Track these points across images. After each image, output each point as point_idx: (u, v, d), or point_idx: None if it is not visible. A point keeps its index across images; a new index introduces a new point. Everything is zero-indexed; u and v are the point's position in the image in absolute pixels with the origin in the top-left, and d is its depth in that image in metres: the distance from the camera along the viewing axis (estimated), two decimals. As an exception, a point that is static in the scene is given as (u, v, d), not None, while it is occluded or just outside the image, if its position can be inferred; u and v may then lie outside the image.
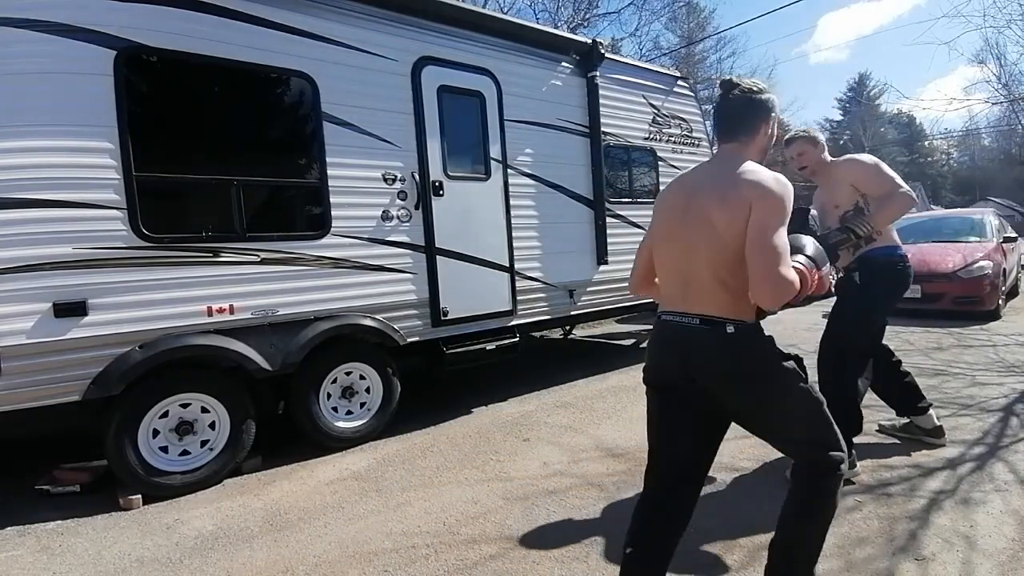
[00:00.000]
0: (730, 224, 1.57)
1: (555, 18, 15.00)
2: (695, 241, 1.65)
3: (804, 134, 3.00)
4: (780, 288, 1.49)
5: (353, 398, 3.70)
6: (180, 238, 2.99)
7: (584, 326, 7.52)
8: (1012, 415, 3.58)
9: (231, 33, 3.12)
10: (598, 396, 4.51)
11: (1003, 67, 13.05)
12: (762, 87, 1.76)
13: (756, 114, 1.73)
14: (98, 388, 2.74)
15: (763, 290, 1.51)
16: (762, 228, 1.52)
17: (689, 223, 1.67)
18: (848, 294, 2.84)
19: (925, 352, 5.48)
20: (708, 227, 1.61)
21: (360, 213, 3.59)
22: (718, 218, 1.59)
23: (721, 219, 1.59)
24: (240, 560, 2.35)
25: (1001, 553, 2.11)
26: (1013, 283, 8.45)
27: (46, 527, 2.71)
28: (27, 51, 2.61)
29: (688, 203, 1.69)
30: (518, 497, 2.81)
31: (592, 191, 4.93)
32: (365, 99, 3.61)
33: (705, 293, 1.64)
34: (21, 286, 2.57)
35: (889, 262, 2.81)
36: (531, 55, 4.53)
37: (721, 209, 1.59)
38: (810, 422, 1.66)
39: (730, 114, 1.75)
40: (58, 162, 2.66)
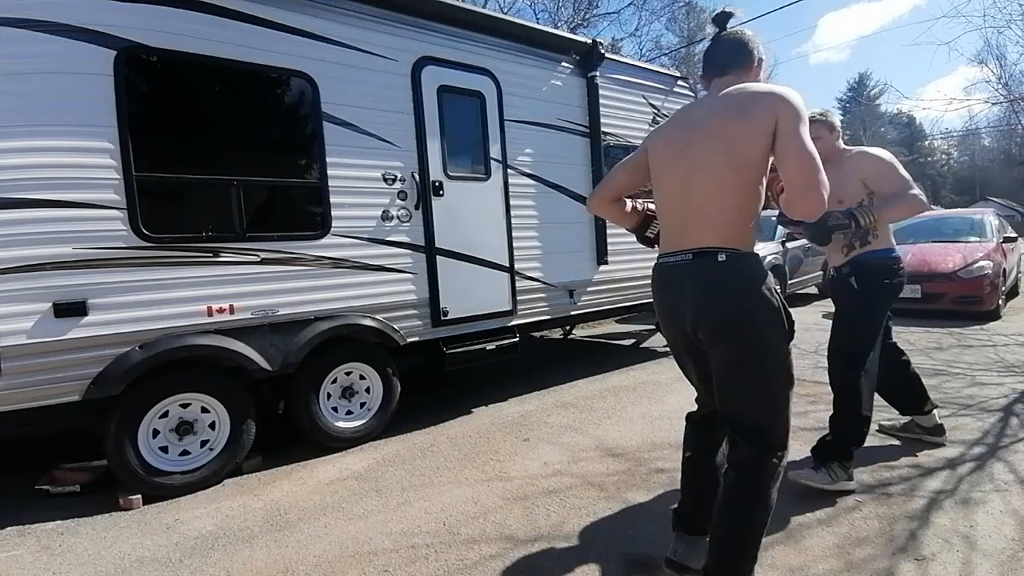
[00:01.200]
0: (754, 137, 1.54)
1: (555, 18, 15.00)
2: (700, 167, 1.63)
3: (822, 117, 2.80)
4: (821, 196, 1.46)
5: (353, 398, 3.70)
6: (180, 238, 2.99)
7: (584, 326, 7.53)
8: (1012, 415, 3.57)
9: (231, 33, 3.12)
10: (598, 396, 4.51)
11: (1003, 67, 13.02)
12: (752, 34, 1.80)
13: (750, 52, 1.76)
14: (98, 388, 2.74)
15: (806, 197, 1.47)
16: (798, 135, 1.48)
17: (693, 152, 1.66)
18: (849, 302, 2.76)
19: (925, 352, 5.47)
20: (721, 148, 1.58)
21: (360, 213, 3.59)
22: (739, 133, 1.56)
23: (744, 134, 1.55)
24: (240, 560, 2.35)
25: (1001, 553, 2.11)
26: (1013, 283, 8.45)
27: (46, 527, 2.71)
28: (27, 51, 2.61)
29: (690, 134, 1.68)
30: (518, 497, 2.81)
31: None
32: (365, 99, 3.61)
33: (704, 223, 1.62)
34: (21, 286, 2.57)
35: (884, 264, 2.73)
36: (531, 55, 4.53)
37: (743, 123, 1.56)
38: (769, 401, 1.63)
39: (723, 51, 1.77)
40: (58, 162, 2.65)
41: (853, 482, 2.68)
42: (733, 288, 1.59)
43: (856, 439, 2.70)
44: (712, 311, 1.61)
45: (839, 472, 2.64)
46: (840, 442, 2.69)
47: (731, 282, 1.59)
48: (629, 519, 2.53)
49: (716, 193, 1.59)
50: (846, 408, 2.69)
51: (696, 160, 1.64)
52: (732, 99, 1.63)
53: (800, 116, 1.52)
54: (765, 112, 1.54)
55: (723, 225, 1.59)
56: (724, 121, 1.60)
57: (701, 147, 1.63)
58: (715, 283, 1.60)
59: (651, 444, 3.40)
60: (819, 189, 1.46)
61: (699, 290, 1.62)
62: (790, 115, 1.52)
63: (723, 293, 1.59)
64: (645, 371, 5.29)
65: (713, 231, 1.60)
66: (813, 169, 1.46)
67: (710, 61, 1.79)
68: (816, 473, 2.64)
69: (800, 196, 1.48)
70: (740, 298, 1.59)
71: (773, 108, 1.53)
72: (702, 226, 1.62)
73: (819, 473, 2.64)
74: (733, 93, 1.64)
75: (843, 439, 2.68)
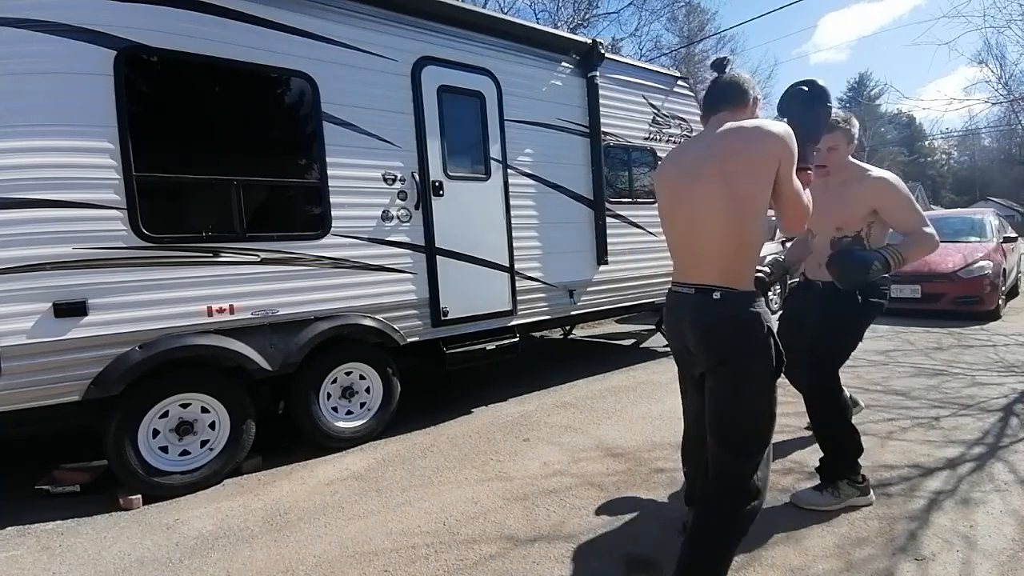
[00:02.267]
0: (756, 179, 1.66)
1: (555, 18, 15.01)
2: (702, 212, 1.73)
3: (844, 125, 2.54)
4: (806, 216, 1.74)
5: (353, 398, 3.70)
6: (180, 238, 2.99)
7: (584, 326, 7.52)
8: (1012, 415, 3.58)
9: (231, 33, 3.12)
10: (598, 396, 4.51)
11: (1003, 67, 13.04)
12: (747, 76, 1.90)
13: (745, 92, 1.86)
14: (98, 388, 2.74)
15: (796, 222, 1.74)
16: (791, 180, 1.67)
17: (694, 196, 1.75)
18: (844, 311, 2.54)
19: (925, 352, 5.48)
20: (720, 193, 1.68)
21: (360, 213, 3.59)
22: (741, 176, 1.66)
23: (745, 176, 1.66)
24: (240, 560, 2.35)
25: (1001, 553, 2.12)
26: (1013, 283, 8.45)
27: (46, 527, 2.71)
28: (27, 51, 2.61)
29: (692, 178, 1.77)
30: (518, 497, 2.81)
31: (592, 191, 4.92)
32: (365, 99, 3.61)
33: (705, 261, 1.75)
34: (21, 286, 2.57)
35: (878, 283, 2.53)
36: (531, 55, 4.53)
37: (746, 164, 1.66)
38: (748, 429, 1.71)
39: (720, 91, 1.87)
40: (58, 162, 2.65)
41: (870, 495, 2.52)
42: (725, 323, 1.71)
43: (854, 448, 2.52)
44: (707, 340, 1.74)
45: (847, 490, 2.48)
46: (839, 455, 2.52)
47: (724, 318, 1.71)
48: (629, 519, 2.53)
49: (716, 235, 1.71)
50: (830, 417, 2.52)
51: (697, 204, 1.75)
52: (731, 140, 1.71)
53: (792, 156, 1.67)
54: (768, 156, 1.65)
55: (723, 264, 1.72)
56: (723, 163, 1.69)
57: (702, 192, 1.73)
58: (709, 317, 1.73)
59: (651, 444, 3.40)
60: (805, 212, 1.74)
61: (696, 322, 1.76)
62: (789, 160, 1.66)
63: (716, 327, 1.72)
64: (645, 371, 5.29)
65: (713, 269, 1.73)
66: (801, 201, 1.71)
67: (709, 100, 1.90)
68: (819, 495, 2.51)
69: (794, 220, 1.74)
70: (731, 332, 1.70)
71: (776, 153, 1.65)
72: (704, 264, 1.75)
73: (823, 495, 2.50)
74: (731, 131, 1.72)
75: (840, 452, 2.51)
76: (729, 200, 1.66)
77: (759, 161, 1.65)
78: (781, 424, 3.52)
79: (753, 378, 1.69)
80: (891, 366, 4.99)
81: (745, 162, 1.65)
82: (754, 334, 1.68)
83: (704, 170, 1.72)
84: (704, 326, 1.73)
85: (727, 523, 1.68)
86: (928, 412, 3.72)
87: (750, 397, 1.70)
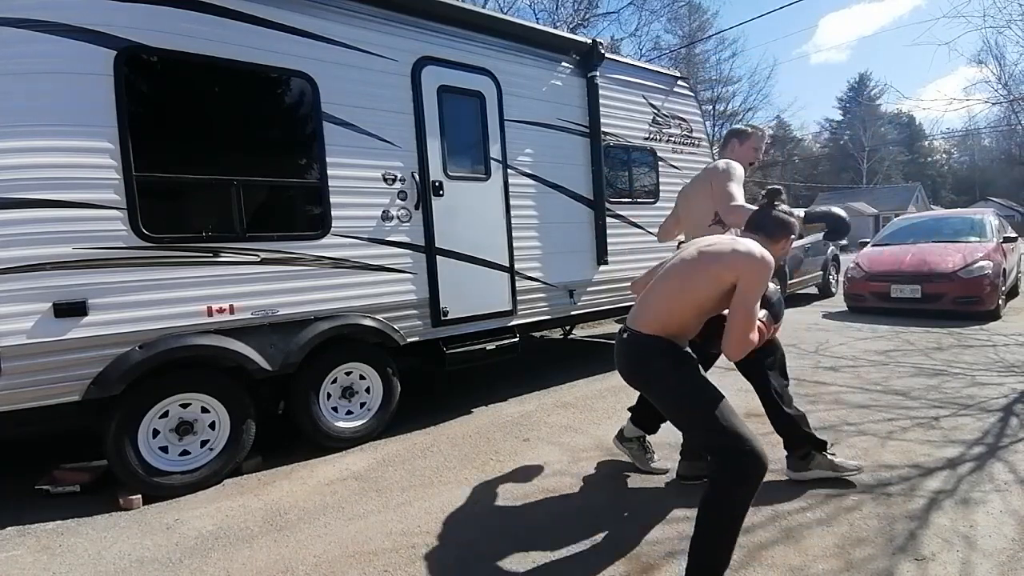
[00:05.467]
0: (707, 284, 1.96)
1: (555, 18, 15.01)
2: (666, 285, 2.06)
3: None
4: (746, 348, 1.96)
5: (353, 398, 3.70)
6: (180, 238, 2.99)
7: (584, 326, 7.52)
8: (1012, 415, 3.58)
9: (231, 33, 3.12)
10: (598, 396, 4.51)
11: (1003, 67, 12.99)
12: (792, 214, 2.26)
13: (785, 231, 2.21)
14: (98, 388, 2.74)
15: (734, 348, 1.95)
16: (747, 298, 1.91)
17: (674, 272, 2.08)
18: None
19: (925, 352, 5.48)
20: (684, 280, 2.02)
21: (360, 213, 3.59)
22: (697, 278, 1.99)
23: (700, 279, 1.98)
24: (240, 560, 2.35)
25: (1001, 553, 2.12)
26: (1013, 283, 8.44)
27: (46, 527, 2.71)
28: (27, 51, 2.61)
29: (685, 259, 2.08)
30: (518, 497, 2.81)
31: (592, 191, 4.92)
32: (365, 99, 3.61)
33: (641, 314, 2.08)
34: (21, 286, 2.57)
35: None
36: (531, 55, 4.53)
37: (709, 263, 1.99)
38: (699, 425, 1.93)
39: (765, 220, 2.21)
40: (58, 162, 2.65)
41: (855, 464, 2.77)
42: (626, 357, 2.09)
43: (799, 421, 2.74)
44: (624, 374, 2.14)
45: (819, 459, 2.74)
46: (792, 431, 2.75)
47: (625, 354, 2.09)
48: (629, 519, 2.53)
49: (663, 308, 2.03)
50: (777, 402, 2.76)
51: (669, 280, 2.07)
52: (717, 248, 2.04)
53: (757, 286, 1.92)
54: (728, 266, 1.94)
55: (649, 321, 2.04)
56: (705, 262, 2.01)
57: (679, 274, 2.06)
58: (619, 353, 2.13)
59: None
60: (747, 344, 1.94)
61: (616, 356, 2.17)
62: (751, 283, 1.92)
63: (621, 361, 2.12)
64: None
65: (640, 321, 2.06)
66: (748, 330, 1.92)
67: (753, 223, 2.24)
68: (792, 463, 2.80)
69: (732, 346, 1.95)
70: (631, 365, 2.08)
71: (738, 269, 1.93)
72: (640, 315, 2.08)
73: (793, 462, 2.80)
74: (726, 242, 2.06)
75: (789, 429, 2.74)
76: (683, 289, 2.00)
77: (721, 266, 1.95)
78: (781, 424, 3.53)
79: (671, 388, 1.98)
80: (891, 366, 4.99)
81: (712, 259, 1.99)
82: (658, 367, 1.98)
83: (689, 263, 2.05)
84: (617, 356, 2.15)
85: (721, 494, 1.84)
86: (928, 412, 3.72)
87: (681, 401, 1.97)
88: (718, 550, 1.84)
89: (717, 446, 1.85)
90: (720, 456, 1.84)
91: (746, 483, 1.80)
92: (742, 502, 1.81)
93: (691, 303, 1.99)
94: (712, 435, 1.86)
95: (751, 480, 1.80)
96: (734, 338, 1.92)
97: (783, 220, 2.20)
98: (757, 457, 1.80)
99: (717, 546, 1.84)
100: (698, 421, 1.92)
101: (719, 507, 1.83)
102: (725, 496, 1.82)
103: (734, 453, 1.81)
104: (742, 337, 1.92)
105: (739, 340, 1.92)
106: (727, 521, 1.82)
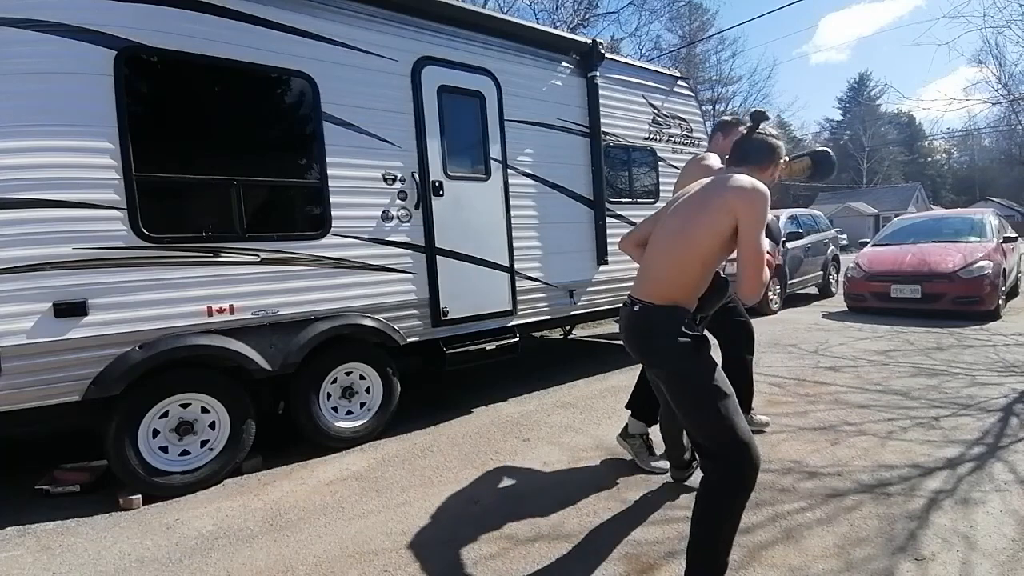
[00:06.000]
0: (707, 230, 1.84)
1: (555, 18, 15.01)
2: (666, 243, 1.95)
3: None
4: (762, 286, 1.82)
5: (353, 398, 3.70)
6: (180, 238, 2.99)
7: (584, 326, 7.52)
8: (1012, 415, 3.58)
9: (231, 33, 3.12)
10: (598, 396, 4.51)
11: (1003, 67, 13.01)
12: (779, 137, 2.11)
13: (771, 156, 2.05)
14: (98, 388, 2.74)
15: (751, 288, 1.81)
16: (749, 239, 1.79)
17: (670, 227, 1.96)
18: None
19: (925, 352, 5.48)
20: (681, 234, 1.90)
21: (360, 213, 3.59)
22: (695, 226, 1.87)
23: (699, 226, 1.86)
24: (240, 560, 2.35)
25: (1001, 553, 2.12)
26: (1013, 283, 8.44)
27: (46, 527, 2.71)
28: (27, 51, 2.60)
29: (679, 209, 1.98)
30: (518, 497, 2.81)
31: (592, 191, 4.92)
32: (365, 99, 3.61)
33: (647, 282, 1.97)
34: (21, 286, 2.57)
35: None
36: (531, 55, 4.53)
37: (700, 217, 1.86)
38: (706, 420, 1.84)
39: (748, 146, 2.06)
40: (58, 162, 2.65)
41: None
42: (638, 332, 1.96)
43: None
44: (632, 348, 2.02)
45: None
46: None
47: (637, 328, 1.96)
48: (629, 519, 2.53)
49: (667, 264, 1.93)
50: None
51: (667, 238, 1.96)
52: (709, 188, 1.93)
53: (758, 220, 1.79)
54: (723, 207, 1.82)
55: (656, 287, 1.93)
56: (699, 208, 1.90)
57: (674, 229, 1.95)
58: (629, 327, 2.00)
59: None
60: (763, 281, 1.81)
61: (624, 331, 2.05)
62: (750, 218, 1.79)
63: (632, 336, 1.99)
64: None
65: (651, 292, 1.94)
66: (761, 266, 1.79)
67: (736, 152, 2.08)
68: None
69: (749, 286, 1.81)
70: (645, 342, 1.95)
71: (731, 205, 1.81)
72: (645, 285, 1.97)
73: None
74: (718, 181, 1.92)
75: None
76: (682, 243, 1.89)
77: (717, 210, 1.82)
78: (781, 424, 3.55)
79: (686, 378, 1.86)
80: (891, 366, 4.99)
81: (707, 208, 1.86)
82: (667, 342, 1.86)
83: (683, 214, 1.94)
84: (633, 339, 2.00)
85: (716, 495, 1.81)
86: (928, 412, 3.72)
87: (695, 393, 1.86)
88: (717, 553, 1.81)
89: (721, 445, 1.80)
90: (721, 457, 1.80)
91: (743, 486, 1.79)
92: (740, 504, 1.80)
93: (697, 256, 1.86)
94: (720, 433, 1.80)
95: (748, 483, 1.79)
96: (748, 278, 1.79)
97: (767, 143, 2.04)
98: (755, 463, 1.78)
99: (715, 549, 1.81)
100: (711, 416, 1.81)
101: (717, 509, 1.80)
102: (723, 498, 1.79)
103: (736, 457, 1.77)
104: (756, 276, 1.78)
105: (753, 279, 1.79)
106: (725, 523, 1.80)
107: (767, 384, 4.48)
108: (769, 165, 2.04)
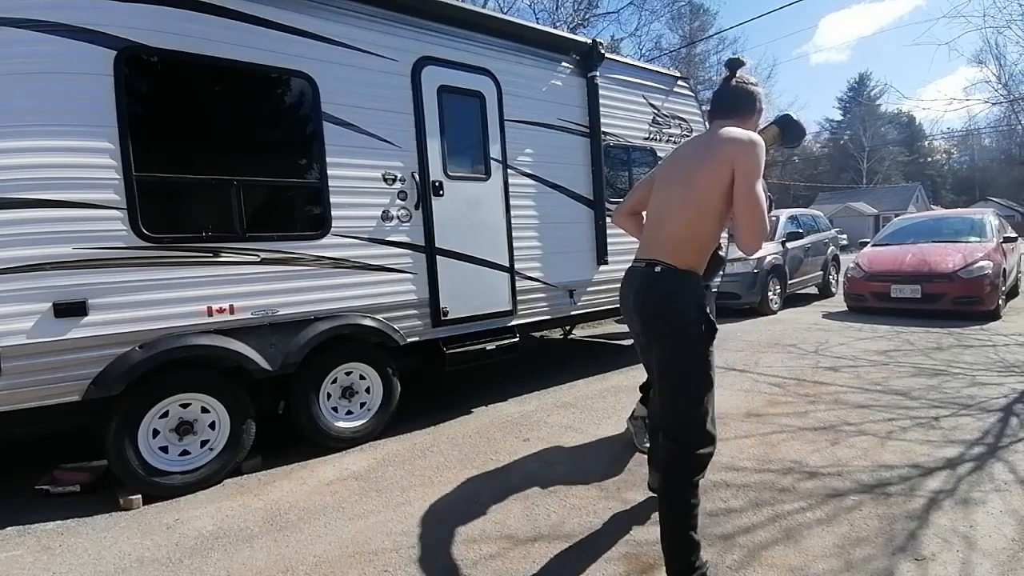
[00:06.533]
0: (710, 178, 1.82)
1: (555, 18, 15.01)
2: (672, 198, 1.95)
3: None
4: (763, 235, 1.80)
5: (353, 398, 3.70)
6: (180, 238, 2.99)
7: (584, 326, 7.52)
8: (1012, 415, 3.58)
9: (231, 33, 3.12)
10: (598, 396, 4.51)
11: (1003, 67, 13.04)
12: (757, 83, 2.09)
13: (752, 103, 2.03)
14: (98, 388, 2.74)
15: (752, 240, 1.79)
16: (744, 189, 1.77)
17: (673, 185, 1.96)
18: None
19: (925, 352, 5.48)
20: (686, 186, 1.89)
21: (360, 213, 3.59)
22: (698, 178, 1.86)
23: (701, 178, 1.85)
24: (240, 560, 2.35)
25: (1001, 553, 2.12)
26: (1013, 283, 8.44)
27: (46, 527, 2.71)
28: (27, 51, 2.60)
29: (677, 168, 1.99)
30: (518, 497, 2.81)
31: (592, 191, 4.92)
32: (365, 99, 3.61)
33: (661, 242, 1.94)
34: (21, 286, 2.57)
35: None
36: (531, 55, 4.53)
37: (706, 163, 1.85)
38: (684, 400, 1.87)
39: (729, 96, 2.03)
40: (58, 162, 2.65)
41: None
42: (657, 295, 1.91)
43: None
44: (642, 312, 1.96)
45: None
46: None
47: (656, 291, 1.90)
48: (629, 519, 2.53)
49: (677, 222, 1.91)
50: None
51: (671, 194, 1.96)
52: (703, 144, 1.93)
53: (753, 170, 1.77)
54: (722, 158, 1.81)
55: (671, 245, 1.91)
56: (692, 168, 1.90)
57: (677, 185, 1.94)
58: (646, 289, 1.94)
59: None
60: (764, 230, 1.78)
61: (636, 293, 1.97)
62: (746, 167, 1.77)
63: (649, 298, 1.93)
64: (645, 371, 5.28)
65: (664, 251, 1.91)
66: (762, 216, 1.77)
67: (717, 103, 2.06)
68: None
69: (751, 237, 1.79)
70: (662, 305, 1.89)
71: (730, 156, 1.80)
72: (657, 245, 1.95)
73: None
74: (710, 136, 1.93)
75: None
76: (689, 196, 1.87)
77: (715, 162, 1.82)
78: (780, 424, 3.56)
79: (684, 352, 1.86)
80: (891, 366, 4.99)
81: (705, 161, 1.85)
82: (680, 309, 1.85)
83: (682, 170, 1.94)
84: (641, 296, 1.94)
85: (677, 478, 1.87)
86: (928, 412, 3.72)
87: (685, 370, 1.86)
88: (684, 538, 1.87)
89: (689, 427, 1.87)
90: (685, 439, 1.87)
91: (698, 471, 1.89)
92: (694, 487, 1.87)
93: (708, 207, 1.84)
94: (695, 420, 1.87)
95: (702, 469, 1.90)
96: (747, 229, 1.77)
97: (747, 90, 2.02)
98: (710, 454, 1.91)
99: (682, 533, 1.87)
100: (691, 400, 1.86)
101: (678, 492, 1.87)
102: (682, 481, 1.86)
103: (696, 444, 1.87)
104: (755, 226, 1.77)
105: (753, 229, 1.77)
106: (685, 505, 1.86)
107: (767, 384, 4.48)
108: (754, 113, 2.04)
